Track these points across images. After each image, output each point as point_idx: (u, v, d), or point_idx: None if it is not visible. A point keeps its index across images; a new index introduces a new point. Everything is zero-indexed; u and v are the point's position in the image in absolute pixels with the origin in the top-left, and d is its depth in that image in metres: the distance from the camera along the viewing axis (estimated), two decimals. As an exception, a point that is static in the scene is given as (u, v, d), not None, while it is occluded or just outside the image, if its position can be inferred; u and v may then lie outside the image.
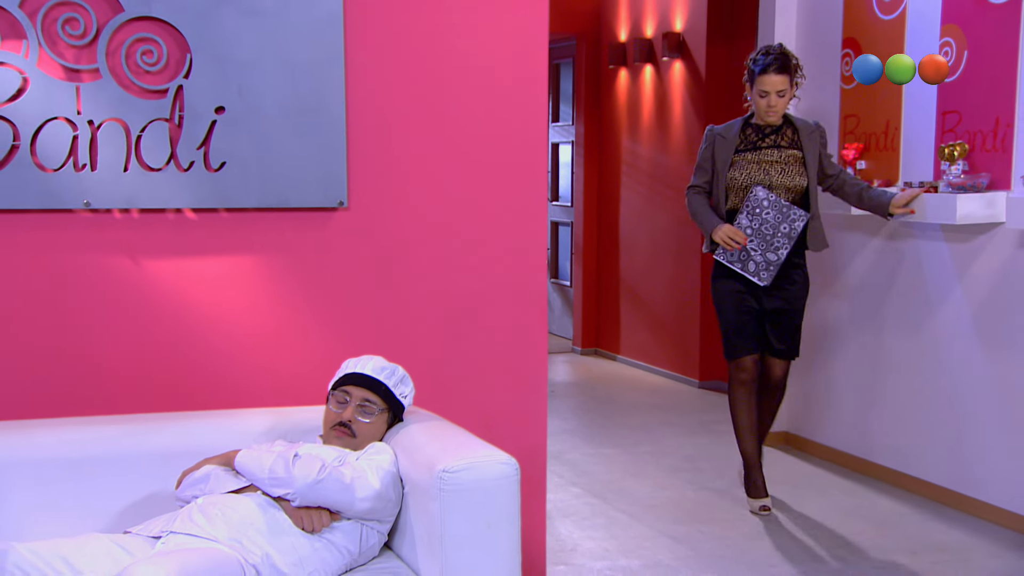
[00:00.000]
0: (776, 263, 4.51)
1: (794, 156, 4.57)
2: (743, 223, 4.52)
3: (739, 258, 4.54)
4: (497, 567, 2.69)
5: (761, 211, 4.48)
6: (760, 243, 4.50)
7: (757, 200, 4.49)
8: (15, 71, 3.12)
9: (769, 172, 4.55)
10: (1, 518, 2.85)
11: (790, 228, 4.47)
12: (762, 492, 4.75)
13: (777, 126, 4.60)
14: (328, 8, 3.34)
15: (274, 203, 3.37)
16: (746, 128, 4.64)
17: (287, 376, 3.44)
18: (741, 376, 4.66)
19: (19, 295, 3.22)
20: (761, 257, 4.51)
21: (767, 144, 4.58)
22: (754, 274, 4.53)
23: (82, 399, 3.27)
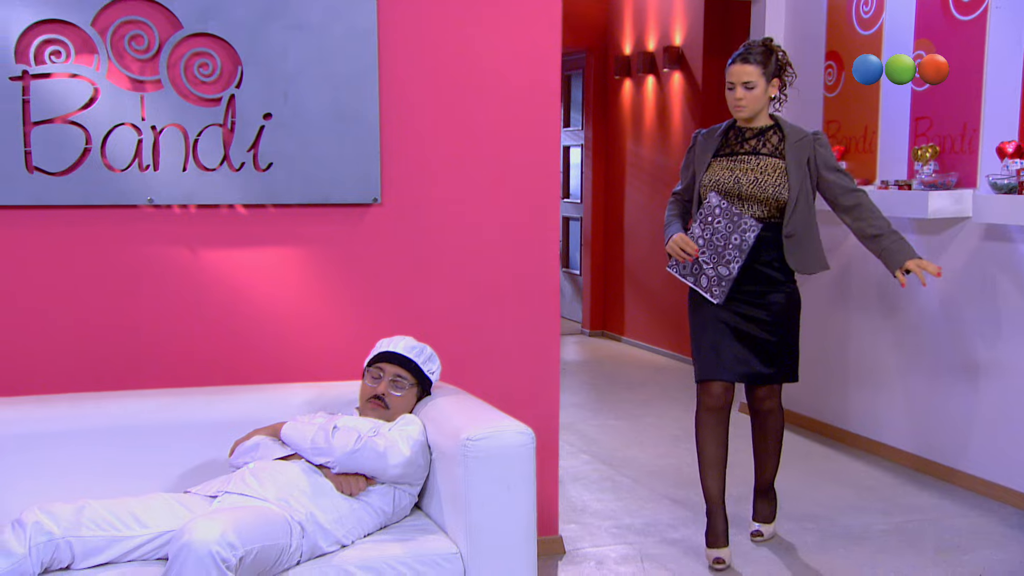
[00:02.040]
0: (728, 278, 3.53)
1: (774, 165, 3.56)
2: (695, 232, 3.60)
3: (691, 271, 3.60)
4: (515, 525, 2.69)
5: (713, 220, 3.55)
6: (712, 255, 3.55)
7: (710, 207, 3.56)
8: (88, 82, 3.13)
9: (739, 181, 3.56)
10: (77, 478, 2.87)
11: (740, 239, 3.50)
12: (721, 541, 3.67)
13: (760, 130, 3.64)
14: (364, 25, 3.35)
15: (316, 199, 3.38)
16: (730, 131, 3.70)
17: (327, 354, 3.44)
18: (707, 401, 3.65)
19: (91, 281, 3.24)
20: (713, 271, 3.55)
21: (745, 149, 3.62)
22: (706, 290, 3.57)
23: (145, 373, 3.29)
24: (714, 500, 3.68)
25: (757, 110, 3.59)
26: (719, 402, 3.63)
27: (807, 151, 3.60)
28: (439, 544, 2.68)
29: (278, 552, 2.49)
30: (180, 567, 2.27)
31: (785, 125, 3.65)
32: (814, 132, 3.65)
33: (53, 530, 2.41)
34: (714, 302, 3.57)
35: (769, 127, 3.65)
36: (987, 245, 4.50)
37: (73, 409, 2.96)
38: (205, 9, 3.20)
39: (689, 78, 7.51)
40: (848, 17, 5.26)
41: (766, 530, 3.93)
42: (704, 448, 3.68)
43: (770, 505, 3.96)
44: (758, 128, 3.65)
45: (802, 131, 3.65)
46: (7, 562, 2.35)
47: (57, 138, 3.12)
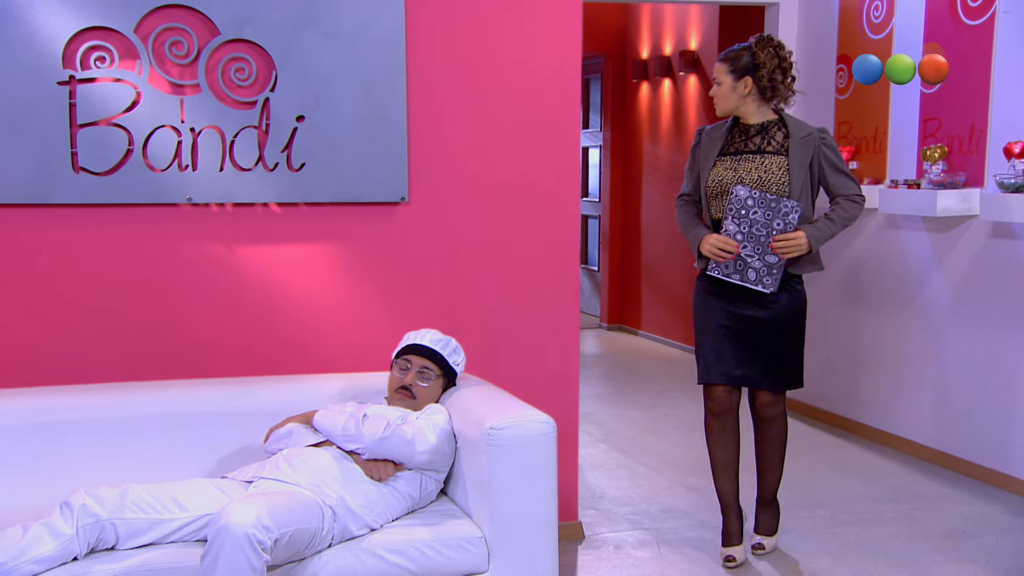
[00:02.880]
0: (778, 264, 3.34)
1: (778, 163, 3.37)
2: (730, 229, 3.35)
3: (736, 268, 3.37)
4: (537, 510, 2.69)
5: (747, 212, 3.33)
6: (755, 247, 3.34)
7: (740, 201, 3.34)
8: (130, 86, 3.15)
9: (743, 180, 3.37)
10: (121, 463, 2.89)
11: (784, 224, 3.31)
12: (735, 540, 3.56)
13: (763, 125, 3.43)
14: (392, 31, 3.35)
15: (346, 198, 3.39)
16: (734, 128, 3.49)
17: (357, 346, 3.46)
18: (710, 405, 3.52)
19: (133, 276, 3.26)
20: (760, 262, 3.34)
21: (750, 148, 3.41)
22: (756, 282, 3.35)
23: (184, 364, 3.31)
24: (727, 500, 3.57)
25: (729, 107, 3.42)
26: (722, 406, 3.49)
27: (811, 149, 3.39)
28: (464, 528, 2.69)
29: (310, 535, 2.50)
30: (218, 549, 2.29)
31: (790, 121, 3.43)
32: (819, 129, 3.44)
33: (99, 512, 2.44)
34: (768, 291, 3.35)
35: (772, 122, 3.43)
36: (994, 242, 4.46)
37: (117, 398, 2.99)
38: (242, 16, 3.21)
39: (704, 81, 7.48)
40: (859, 21, 5.22)
41: (767, 543, 3.64)
42: (713, 451, 3.57)
43: (772, 517, 3.68)
44: (760, 124, 3.43)
45: (807, 127, 3.43)
46: (56, 541, 2.37)
47: (101, 140, 3.14)
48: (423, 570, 2.61)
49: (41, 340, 3.19)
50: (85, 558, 2.42)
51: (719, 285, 3.43)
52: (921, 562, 3.57)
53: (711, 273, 3.41)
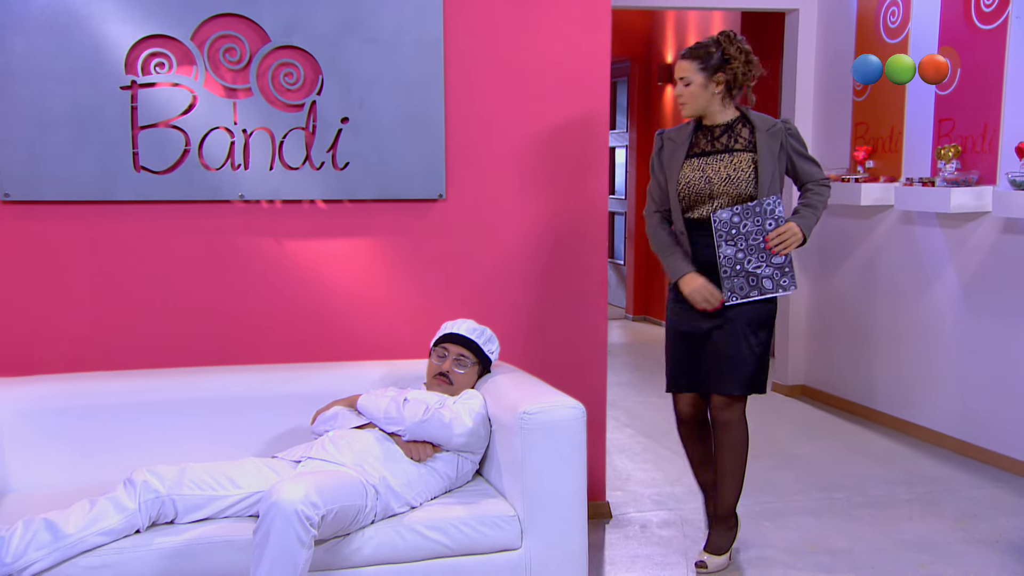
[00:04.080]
0: (787, 262, 3.11)
1: (747, 159, 3.11)
2: (729, 253, 3.09)
3: (751, 285, 3.10)
4: (567, 490, 2.70)
5: (737, 229, 3.07)
6: (759, 256, 3.08)
7: (726, 223, 3.08)
8: (187, 90, 3.18)
9: (711, 180, 3.11)
10: (179, 443, 2.93)
11: (775, 221, 3.07)
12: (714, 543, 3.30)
13: (728, 124, 3.16)
14: (431, 37, 3.35)
15: (388, 195, 3.40)
16: (698, 131, 3.22)
17: (397, 334, 3.47)
18: (678, 414, 3.34)
19: (189, 268, 3.30)
20: (769, 268, 3.09)
21: (717, 148, 3.15)
22: (776, 289, 3.11)
23: (236, 351, 3.33)
24: (708, 488, 3.39)
25: (699, 107, 3.15)
26: (689, 412, 3.31)
27: (779, 140, 3.13)
28: (498, 507, 2.69)
29: (355, 512, 2.52)
30: (269, 524, 2.31)
31: (753, 116, 3.17)
32: (783, 120, 3.18)
33: (159, 489, 2.47)
34: (791, 291, 3.13)
35: (736, 120, 3.17)
36: (1006, 238, 4.40)
37: (174, 383, 3.02)
38: (291, 24, 3.23)
39: (726, 84, 7.42)
40: (876, 26, 5.16)
41: (712, 562, 3.23)
42: (689, 450, 3.40)
43: (724, 536, 3.29)
44: (725, 123, 3.17)
45: (771, 120, 3.17)
46: (121, 515, 2.41)
47: (160, 141, 3.17)
48: (460, 546, 2.62)
49: (104, 328, 3.23)
50: (147, 531, 2.45)
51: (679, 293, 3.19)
52: (934, 543, 3.53)
53: (729, 303, 3.11)
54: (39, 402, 2.87)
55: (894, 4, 5.03)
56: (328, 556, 2.50)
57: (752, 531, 3.64)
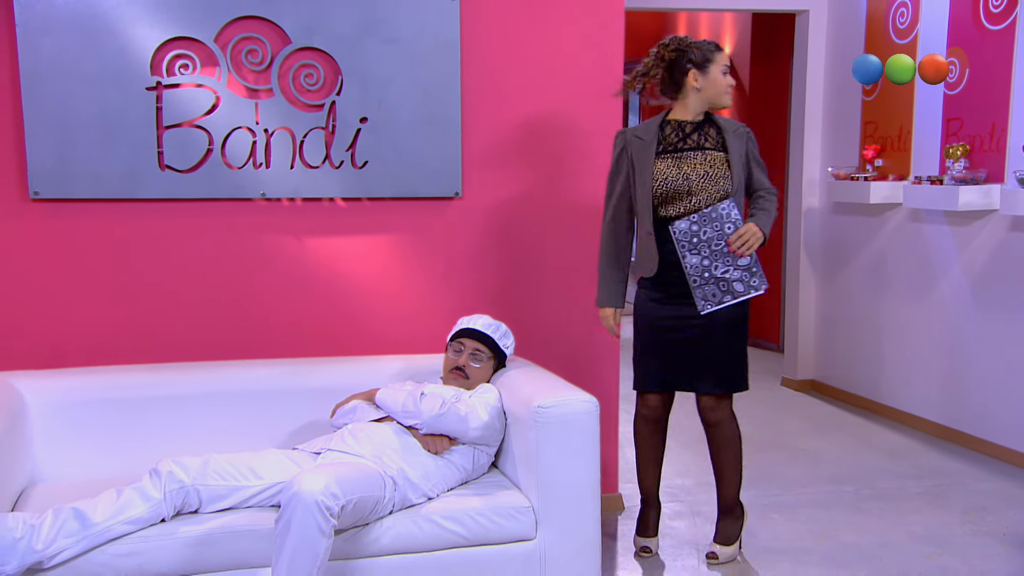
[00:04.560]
0: (754, 262, 3.06)
1: (719, 158, 3.08)
2: (694, 262, 3.02)
3: (721, 290, 3.04)
4: (580, 483, 2.70)
5: (699, 240, 3.01)
6: (724, 260, 3.03)
7: (686, 232, 3.02)
8: (210, 91, 3.19)
9: (688, 177, 3.04)
10: (203, 434, 2.94)
11: (733, 225, 3.03)
12: (651, 531, 3.34)
13: (699, 124, 3.12)
14: (448, 39, 3.35)
15: (405, 193, 3.40)
16: (665, 127, 3.13)
17: (414, 329, 3.47)
18: (643, 412, 3.26)
19: (212, 264, 3.31)
20: (737, 271, 3.03)
21: (689, 145, 3.08)
22: (747, 291, 3.05)
23: (257, 345, 3.35)
24: (649, 493, 3.35)
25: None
26: (656, 413, 3.26)
27: (744, 145, 3.14)
28: (514, 498, 2.70)
29: (374, 502, 2.53)
30: (291, 514, 2.32)
31: (717, 118, 3.15)
32: (743, 125, 3.18)
33: (184, 479, 2.48)
34: (763, 290, 3.08)
35: (704, 120, 3.13)
36: (1013, 235, 4.36)
37: (198, 376, 3.03)
38: (311, 26, 3.23)
39: (737, 84, 7.39)
40: (885, 27, 5.12)
41: (723, 553, 3.23)
42: (641, 450, 3.32)
43: (732, 525, 3.28)
44: (697, 122, 3.12)
45: (735, 123, 3.17)
46: (146, 504, 2.42)
47: (185, 140, 3.18)
48: (476, 536, 2.62)
49: (130, 323, 3.25)
50: (172, 520, 2.47)
51: (662, 292, 3.12)
52: (942, 535, 3.51)
53: (705, 312, 3.05)
54: (68, 394, 2.89)
55: (903, 5, 5.00)
56: (348, 545, 2.51)
57: (761, 523, 3.63)
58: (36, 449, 2.83)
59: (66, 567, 2.33)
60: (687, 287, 3.09)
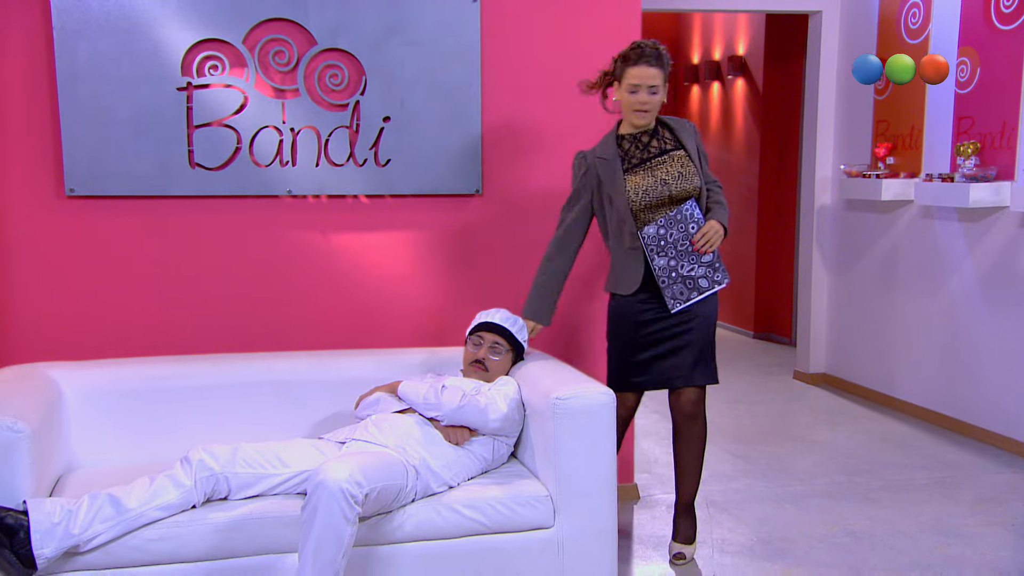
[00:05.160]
0: (716, 258, 3.04)
1: (681, 156, 3.01)
2: (662, 264, 2.99)
3: (689, 288, 3.02)
4: (597, 472, 2.69)
5: (666, 242, 2.98)
6: (689, 259, 3.00)
7: (653, 237, 2.98)
8: (239, 91, 3.20)
9: (667, 182, 2.97)
10: (232, 424, 2.96)
11: (696, 224, 2.99)
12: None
13: (652, 130, 3.04)
14: (469, 41, 3.35)
15: (427, 190, 3.41)
16: (621, 142, 3.04)
17: (435, 323, 3.48)
18: (620, 412, 3.08)
19: (239, 259, 3.32)
20: (701, 268, 3.01)
21: (652, 152, 3.00)
22: (711, 286, 3.03)
23: (284, 336, 3.36)
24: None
25: (655, 116, 3.04)
26: (631, 412, 3.18)
27: (694, 138, 3.07)
28: (532, 488, 2.70)
29: (396, 491, 2.53)
30: (316, 501, 2.33)
31: (665, 118, 3.07)
32: (689, 121, 3.11)
33: (214, 467, 2.50)
34: (725, 284, 3.05)
35: (654, 124, 3.05)
36: (1023, 232, 4.32)
37: (226, 368, 3.04)
38: (336, 28, 3.24)
39: (751, 84, 7.35)
40: (897, 27, 5.08)
41: (688, 551, 3.17)
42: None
43: (692, 524, 3.22)
44: (651, 128, 3.04)
45: (679, 119, 3.09)
46: (178, 491, 2.44)
47: (214, 139, 3.20)
48: (495, 524, 2.62)
49: (161, 315, 3.27)
50: (202, 506, 2.48)
51: (638, 299, 3.04)
52: (952, 525, 3.49)
53: (675, 311, 3.01)
54: (103, 385, 2.91)
55: (915, 5, 4.95)
56: (372, 532, 2.52)
57: (775, 513, 3.61)
58: (72, 437, 2.86)
59: (101, 551, 2.36)
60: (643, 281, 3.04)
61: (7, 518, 2.26)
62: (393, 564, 2.55)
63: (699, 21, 8.19)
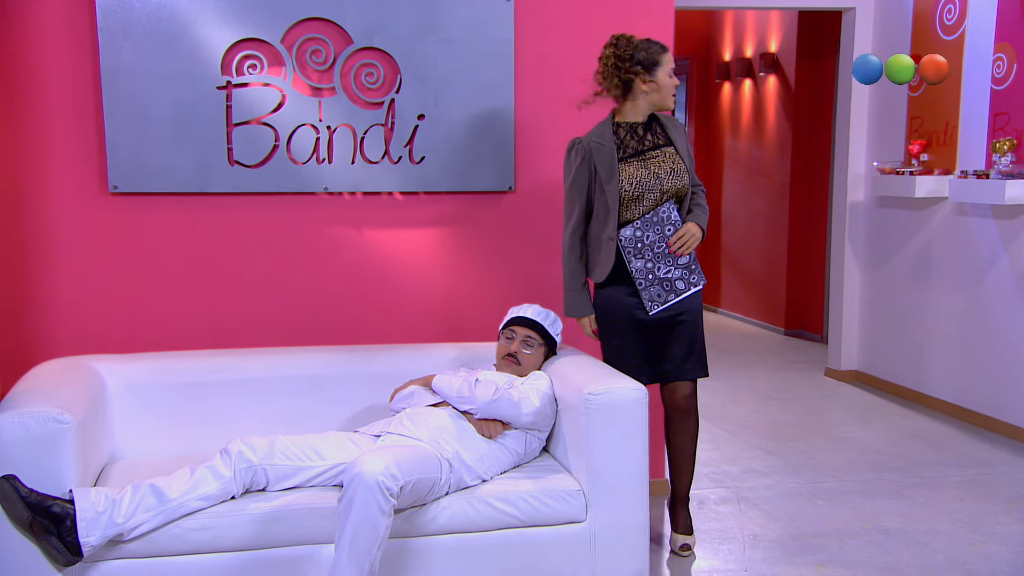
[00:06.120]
0: (693, 259, 3.02)
1: (672, 153, 3.01)
2: (638, 266, 2.98)
3: (667, 290, 3.01)
4: (629, 468, 2.68)
5: (642, 243, 2.97)
6: (665, 261, 2.99)
7: (632, 239, 2.97)
8: (277, 90, 3.22)
9: (659, 176, 2.97)
10: (269, 417, 2.98)
11: (673, 227, 2.98)
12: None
13: (646, 123, 3.04)
14: (503, 39, 3.35)
15: (460, 187, 3.41)
16: (617, 131, 3.03)
17: (469, 318, 3.48)
18: None
19: (277, 255, 3.35)
20: (678, 271, 2.99)
21: (647, 146, 3.00)
22: (688, 288, 3.01)
23: (319, 331, 3.38)
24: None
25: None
26: None
27: (684, 136, 3.06)
28: (564, 482, 2.69)
29: (431, 483, 2.54)
30: (352, 493, 2.34)
31: (656, 113, 3.06)
32: (678, 119, 3.11)
33: (252, 459, 2.51)
34: (701, 286, 3.04)
35: (648, 118, 3.04)
36: (1061, 229, 4.23)
37: (264, 362, 3.06)
38: (372, 27, 3.25)
39: (783, 81, 7.27)
40: (932, 23, 4.99)
41: (692, 541, 3.18)
42: None
43: (689, 515, 3.23)
44: (645, 121, 3.04)
45: (671, 117, 3.08)
46: (218, 482, 2.46)
47: (252, 137, 3.22)
48: (528, 517, 2.62)
49: (201, 310, 3.30)
50: (241, 497, 2.50)
51: (626, 292, 3.02)
52: (987, 523, 3.43)
53: (654, 314, 3.01)
54: (145, 377, 2.94)
55: (950, 1, 4.86)
56: (406, 525, 2.52)
57: (806, 509, 3.57)
58: (115, 428, 2.89)
59: (144, 539, 2.38)
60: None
61: (54, 507, 2.30)
62: (427, 556, 2.55)
63: (731, 18, 8.11)
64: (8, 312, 3.13)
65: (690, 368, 3.08)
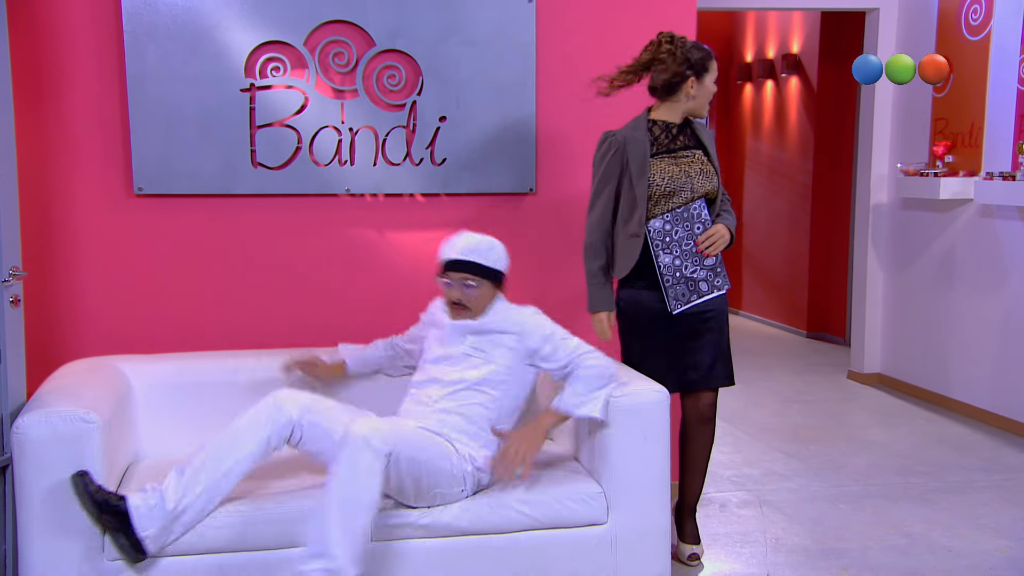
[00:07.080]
0: (719, 262, 2.97)
1: (701, 156, 3.00)
2: (666, 261, 2.92)
3: (691, 290, 2.95)
4: (651, 471, 2.67)
5: (670, 238, 2.92)
6: (692, 260, 2.94)
7: (660, 232, 2.92)
8: (300, 92, 3.23)
9: (690, 175, 2.94)
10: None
11: (703, 225, 2.94)
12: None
13: (680, 125, 3.01)
14: (524, 41, 3.34)
15: (482, 189, 3.40)
16: (652, 128, 2.98)
17: (491, 320, 3.47)
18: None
19: (301, 255, 3.35)
20: (703, 271, 2.94)
21: (679, 145, 2.97)
22: (711, 290, 2.96)
23: (342, 332, 3.37)
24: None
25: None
26: None
27: (712, 143, 3.05)
28: (586, 485, 2.67)
29: (437, 472, 2.50)
30: (342, 447, 2.37)
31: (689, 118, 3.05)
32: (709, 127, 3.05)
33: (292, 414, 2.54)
34: (725, 290, 2.98)
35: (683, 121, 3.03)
36: (1089, 231, 4.17)
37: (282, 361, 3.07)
38: (394, 29, 3.25)
39: (805, 82, 7.22)
40: (957, 24, 4.94)
41: (699, 551, 3.13)
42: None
43: (696, 524, 3.17)
44: (680, 123, 3.01)
45: (702, 123, 3.07)
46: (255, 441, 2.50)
47: (275, 139, 3.23)
48: (549, 519, 2.61)
49: (223, 310, 3.31)
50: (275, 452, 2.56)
51: (652, 293, 2.96)
52: (1013, 528, 3.38)
53: (676, 312, 2.94)
54: (169, 378, 2.95)
55: (976, 2, 4.81)
56: (428, 525, 2.52)
57: (829, 513, 3.54)
58: (140, 428, 2.91)
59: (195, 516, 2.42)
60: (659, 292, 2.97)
61: (119, 506, 2.34)
62: (449, 557, 2.55)
63: (753, 19, 8.07)
64: (35, 313, 3.15)
65: (717, 376, 3.00)
